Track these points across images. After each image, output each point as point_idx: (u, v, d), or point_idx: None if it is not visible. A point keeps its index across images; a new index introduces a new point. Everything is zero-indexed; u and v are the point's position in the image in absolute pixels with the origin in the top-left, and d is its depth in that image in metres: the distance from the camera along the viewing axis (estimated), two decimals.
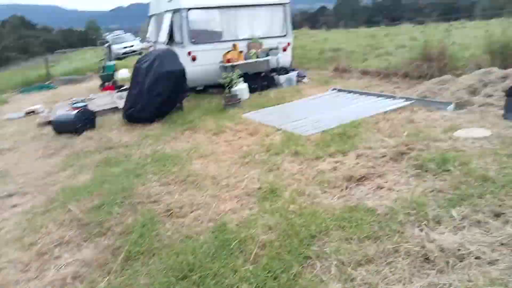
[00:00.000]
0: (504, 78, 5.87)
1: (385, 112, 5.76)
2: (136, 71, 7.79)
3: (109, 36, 33.47)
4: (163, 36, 9.86)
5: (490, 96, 5.61)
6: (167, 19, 9.72)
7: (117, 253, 3.09)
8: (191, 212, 3.62)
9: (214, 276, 2.58)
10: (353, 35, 18.42)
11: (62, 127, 7.12)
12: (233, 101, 7.64)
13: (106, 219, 3.66)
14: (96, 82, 15.56)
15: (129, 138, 6.43)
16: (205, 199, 3.84)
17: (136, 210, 3.79)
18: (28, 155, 6.22)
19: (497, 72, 6.16)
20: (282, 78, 9.36)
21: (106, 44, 25.18)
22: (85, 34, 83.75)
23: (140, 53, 25.19)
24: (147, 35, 13.10)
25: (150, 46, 12.48)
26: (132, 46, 25.71)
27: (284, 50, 9.58)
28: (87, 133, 6.92)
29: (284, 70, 9.59)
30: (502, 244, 2.41)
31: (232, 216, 3.38)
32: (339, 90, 8.10)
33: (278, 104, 7.64)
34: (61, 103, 10.77)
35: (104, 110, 8.72)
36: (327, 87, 8.80)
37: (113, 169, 5.02)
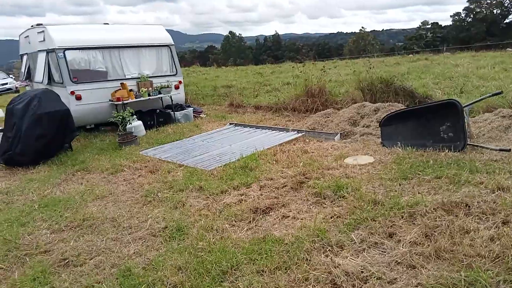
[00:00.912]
0: (376, 110, 6.83)
1: (281, 144, 6.18)
2: (9, 112, 7.03)
3: None
4: (40, 76, 9.17)
5: (368, 126, 6.45)
6: (42, 59, 9.07)
7: None
8: (91, 259, 3.33)
9: None
10: (243, 72, 19.44)
11: None
12: (129, 139, 7.36)
13: None
14: None
15: (9, 183, 5.69)
16: (106, 243, 3.58)
17: (24, 263, 3.35)
18: None
19: (369, 105, 7.14)
20: (178, 114, 9.38)
21: None
22: None
23: (17, 91, 22.87)
24: (21, 75, 12.00)
25: (26, 85, 11.42)
26: (5, 84, 23.47)
27: (177, 88, 9.68)
28: None
29: (180, 107, 9.65)
30: (397, 262, 2.65)
31: (137, 260, 3.20)
32: (236, 125, 8.43)
33: (177, 140, 7.60)
34: None
35: None
36: (224, 122, 9.09)
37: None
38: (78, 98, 8.15)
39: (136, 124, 7.97)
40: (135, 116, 7.79)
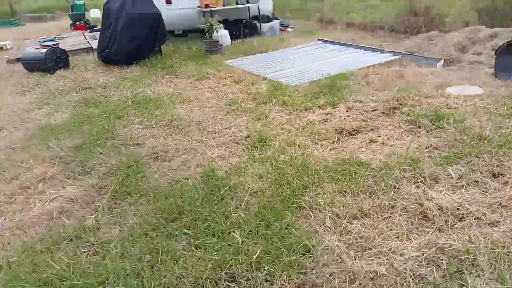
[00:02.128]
0: (493, 36, 5.86)
1: (374, 66, 5.68)
2: (106, 12, 7.27)
3: None
4: None
5: (479, 54, 5.61)
6: None
7: (103, 192, 2.99)
8: (178, 156, 3.51)
9: (204, 220, 2.54)
10: None
11: (33, 65, 6.64)
12: (215, 47, 7.32)
13: (89, 159, 3.51)
14: (66, 21, 14.56)
15: (107, 80, 6.10)
16: (192, 144, 3.73)
17: (120, 151, 3.65)
18: (0, 91, 5.81)
19: (485, 30, 6.13)
20: (265, 26, 9.01)
21: None
22: None
23: None
24: None
25: None
26: None
27: None
28: (60, 72, 6.50)
29: (266, 18, 9.23)
30: (502, 205, 2.38)
31: (221, 163, 3.30)
32: (325, 41, 7.90)
33: (262, 52, 7.40)
34: (31, 41, 10.05)
35: (77, 50, 8.21)
36: (311, 38, 8.57)
37: (92, 110, 4.78)
38: (169, 2, 8.13)
39: (223, 33, 7.84)
40: (222, 25, 7.62)
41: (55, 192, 3.08)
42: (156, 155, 3.56)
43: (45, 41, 7.78)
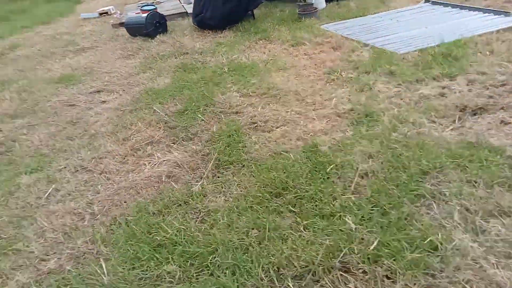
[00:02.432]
0: None
1: (498, 31, 4.90)
2: None
3: None
4: None
5: None
6: None
7: (207, 159, 3.04)
8: (277, 127, 3.42)
9: (311, 199, 2.43)
10: None
11: (135, 30, 6.97)
12: (309, 11, 6.93)
13: (191, 125, 3.60)
14: None
15: (202, 45, 6.16)
16: (291, 115, 3.60)
17: (220, 119, 3.67)
18: (108, 55, 6.23)
19: None
20: None
21: None
22: None
23: None
24: None
25: None
26: None
27: None
28: (160, 37, 6.73)
29: None
30: None
31: (324, 138, 3.13)
32: (434, 3, 7.03)
33: (361, 16, 6.84)
34: (130, 5, 10.58)
35: (173, 14, 8.41)
36: None
37: (191, 75, 4.87)
38: None
39: None
40: None
41: (162, 156, 3.21)
42: (255, 125, 3.51)
43: (144, 5, 8.09)
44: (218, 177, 2.83)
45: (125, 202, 2.67)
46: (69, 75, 5.33)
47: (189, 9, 8.54)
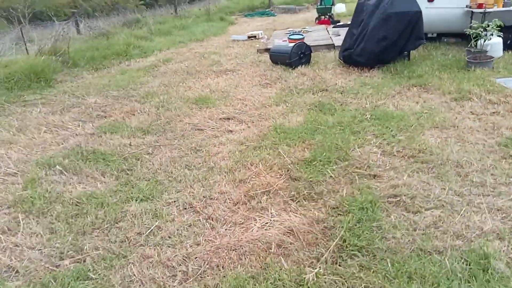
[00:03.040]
0: None
1: None
2: (359, 8, 6.69)
3: None
4: None
5: None
6: None
7: (329, 235, 2.43)
8: (427, 209, 2.62)
9: None
10: None
11: (278, 58, 6.82)
12: (482, 59, 5.76)
13: (317, 180, 3.04)
14: (312, 14, 15.12)
15: (345, 82, 5.60)
16: (448, 196, 2.75)
17: (353, 180, 3.03)
18: (246, 80, 6.16)
19: None
20: None
21: None
22: None
23: None
24: None
25: None
26: None
27: None
28: (301, 68, 6.42)
29: None
30: None
31: (498, 245, 2.22)
32: None
33: None
34: (279, 32, 10.72)
35: (319, 45, 8.09)
36: None
37: (326, 117, 4.35)
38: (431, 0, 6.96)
39: (495, 42, 6.14)
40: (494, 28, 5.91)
41: (277, 213, 2.71)
42: (398, 199, 2.76)
43: (292, 34, 7.96)
44: (340, 265, 2.19)
45: (222, 268, 2.23)
46: (206, 97, 5.34)
47: (337, 41, 8.13)
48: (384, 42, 5.96)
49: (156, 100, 5.33)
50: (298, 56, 6.57)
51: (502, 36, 5.88)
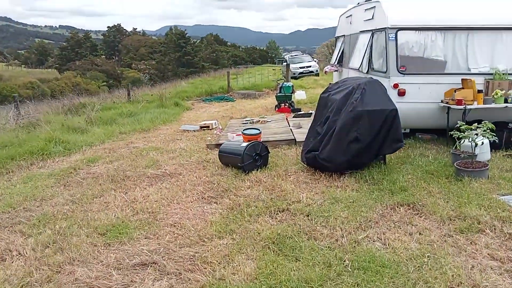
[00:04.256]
0: None
1: None
2: (322, 102, 5.76)
3: (287, 56, 33.74)
4: (357, 62, 7.71)
5: None
6: (363, 41, 7.56)
7: None
8: None
9: None
10: None
11: (229, 160, 5.56)
12: (475, 167, 4.74)
13: None
14: (272, 100, 14.55)
15: (311, 197, 4.32)
16: None
17: None
18: (186, 191, 4.75)
19: None
20: None
21: (284, 63, 24.92)
22: (265, 52, 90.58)
23: (316, 75, 24.13)
24: (332, 58, 11.21)
25: (335, 70, 10.56)
26: (309, 66, 24.83)
27: None
28: (256, 173, 5.14)
29: None
30: None
31: None
32: None
33: None
34: (234, 122, 9.70)
35: (278, 141, 7.00)
36: None
37: (289, 266, 2.94)
38: (402, 93, 6.17)
39: (483, 143, 5.23)
40: (487, 132, 5.01)
41: None
42: None
43: (247, 129, 6.85)
44: None
45: None
46: (121, 225, 3.83)
47: (299, 136, 7.09)
48: (356, 145, 4.88)
49: (49, 231, 3.74)
50: (252, 158, 5.34)
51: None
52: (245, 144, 5.50)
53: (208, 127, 9.15)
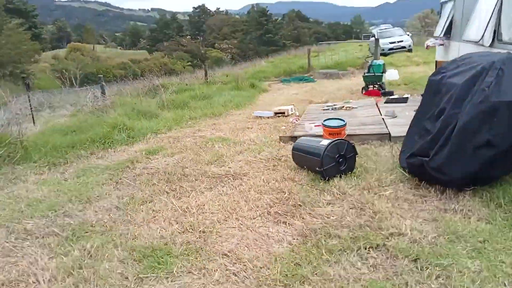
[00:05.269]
0: None
1: None
2: (434, 87, 4.24)
3: (375, 30, 30.67)
4: (478, 31, 5.84)
5: None
6: (486, 1, 5.69)
7: None
8: None
9: None
10: None
11: (305, 161, 4.47)
12: None
13: None
14: (357, 80, 12.94)
15: (417, 227, 3.06)
16: None
17: None
18: (249, 202, 3.79)
19: None
20: None
21: (372, 38, 22.39)
22: (350, 27, 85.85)
23: (409, 50, 21.24)
24: (437, 30, 9.17)
25: (441, 44, 8.61)
26: (401, 41, 21.69)
27: None
28: (339, 182, 3.98)
29: None
30: None
31: None
32: None
33: None
34: (314, 107, 8.49)
35: (367, 134, 5.68)
36: None
37: None
38: None
39: None
40: None
41: None
42: None
43: (329, 119, 5.62)
44: None
45: None
46: (163, 250, 2.99)
47: (394, 128, 5.69)
48: (488, 151, 3.41)
49: (77, 253, 3.04)
50: (335, 161, 4.17)
51: None
52: (325, 142, 4.33)
53: (284, 113, 8.10)
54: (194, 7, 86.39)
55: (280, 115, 8.04)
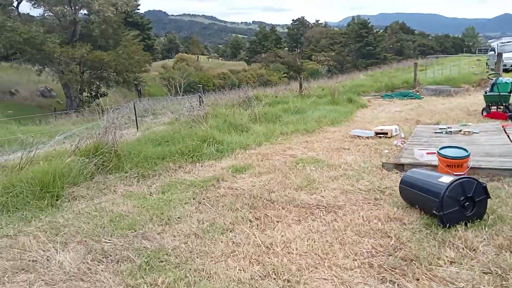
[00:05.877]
0: None
1: None
2: None
3: (494, 43, 27.05)
4: None
5: None
6: None
7: None
8: None
9: None
10: None
11: (417, 199, 3.65)
12: None
13: None
14: (474, 99, 11.30)
15: None
16: None
17: None
18: (344, 245, 3.13)
19: None
20: None
21: (491, 52, 19.55)
22: (460, 40, 78.44)
23: None
24: None
25: None
26: None
27: None
28: (465, 233, 3.10)
29: None
30: None
31: None
32: None
33: None
34: (422, 129, 7.41)
35: (497, 169, 4.58)
36: None
37: None
38: None
39: None
40: None
41: None
42: None
43: (446, 147, 4.65)
44: None
45: None
46: None
47: None
48: None
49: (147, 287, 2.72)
50: (458, 204, 3.29)
51: None
52: (447, 178, 3.45)
53: (386, 134, 7.18)
54: (293, 20, 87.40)
55: (382, 135, 7.15)
